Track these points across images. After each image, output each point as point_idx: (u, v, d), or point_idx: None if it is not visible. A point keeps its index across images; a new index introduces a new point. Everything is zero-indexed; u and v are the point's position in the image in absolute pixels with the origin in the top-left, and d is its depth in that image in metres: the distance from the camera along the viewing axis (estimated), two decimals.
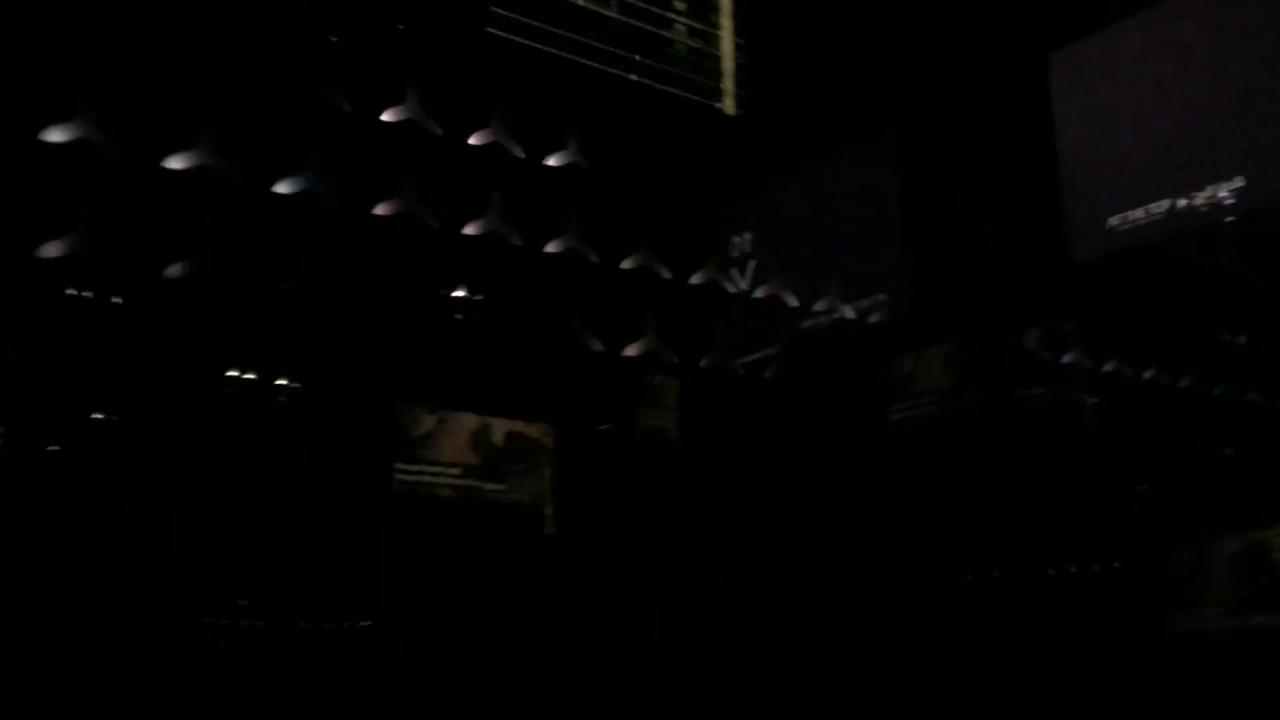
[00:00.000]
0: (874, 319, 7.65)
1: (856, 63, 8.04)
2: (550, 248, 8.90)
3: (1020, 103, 7.45)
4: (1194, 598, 9.45)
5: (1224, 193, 6.25)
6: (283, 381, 8.74)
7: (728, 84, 7.40)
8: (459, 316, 9.70)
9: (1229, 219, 6.34)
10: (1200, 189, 6.36)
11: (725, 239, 8.72)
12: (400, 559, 8.62)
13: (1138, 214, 6.60)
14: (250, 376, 8.45)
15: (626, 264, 8.91)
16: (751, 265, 8.49)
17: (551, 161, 8.51)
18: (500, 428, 9.87)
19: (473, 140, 8.48)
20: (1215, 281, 7.94)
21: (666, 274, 9.06)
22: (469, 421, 9.62)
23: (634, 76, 7.00)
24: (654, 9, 7.71)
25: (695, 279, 8.89)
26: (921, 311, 7.53)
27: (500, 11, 7.07)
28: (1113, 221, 6.73)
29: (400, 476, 8.97)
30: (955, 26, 7.85)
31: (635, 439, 10.73)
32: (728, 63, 7.41)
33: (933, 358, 10.07)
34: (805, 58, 8.14)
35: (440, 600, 8.63)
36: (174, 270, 7.72)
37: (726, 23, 7.39)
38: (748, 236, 8.53)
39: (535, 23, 6.98)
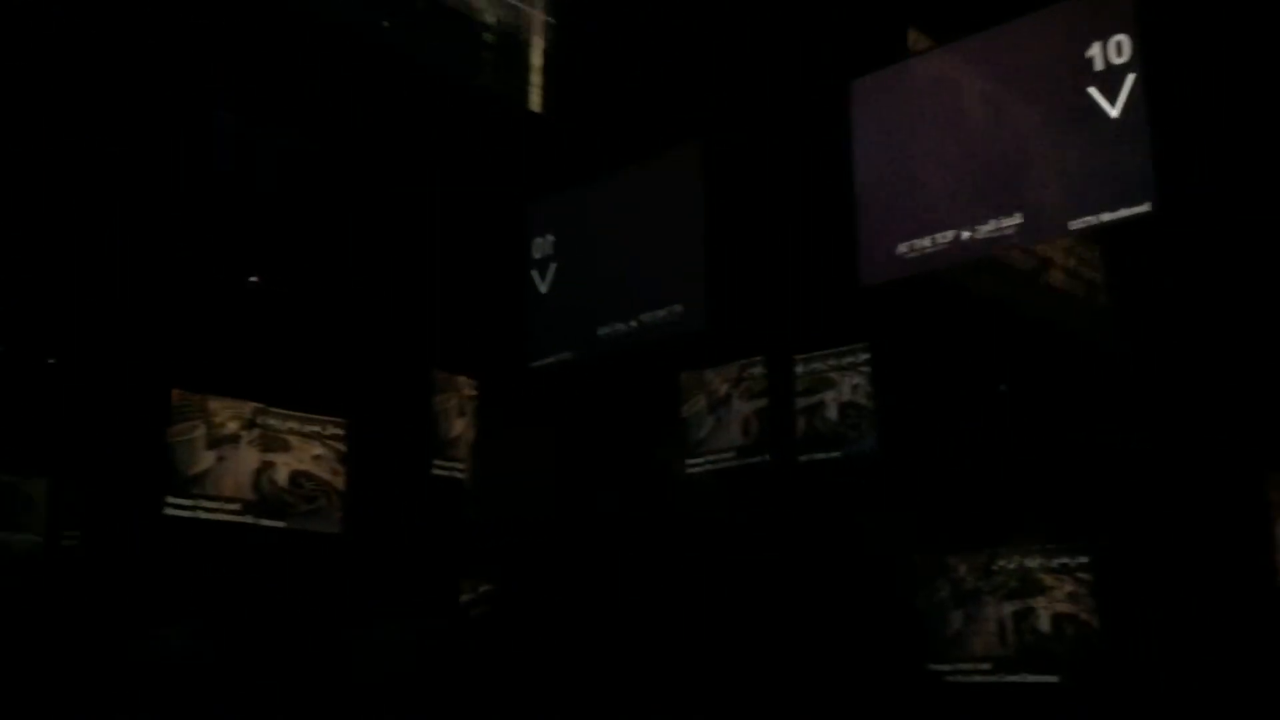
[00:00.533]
0: (668, 330, 7.59)
1: (668, 69, 8.03)
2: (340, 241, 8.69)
3: (824, 125, 7.53)
4: (966, 655, 9.98)
5: (1004, 228, 6.43)
6: None
7: (535, 80, 7.24)
8: (243, 307, 9.37)
9: (1007, 252, 6.62)
10: (984, 223, 6.54)
11: (526, 240, 8.55)
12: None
13: (925, 242, 6.74)
14: None
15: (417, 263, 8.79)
16: (552, 268, 8.33)
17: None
18: (284, 466, 9.76)
19: None
20: (998, 317, 8.20)
21: (464, 274, 8.95)
22: (250, 459, 9.48)
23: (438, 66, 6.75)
24: None
25: (494, 280, 8.71)
26: (715, 325, 7.52)
27: None
28: (902, 248, 6.85)
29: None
30: (768, 44, 7.91)
31: (429, 444, 10.57)
32: (536, 58, 7.25)
33: (734, 415, 10.34)
34: (617, 60, 8.08)
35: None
36: None
37: (537, 19, 7.23)
38: (549, 239, 8.39)
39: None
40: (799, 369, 10.14)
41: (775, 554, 10.26)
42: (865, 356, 9.93)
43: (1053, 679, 9.66)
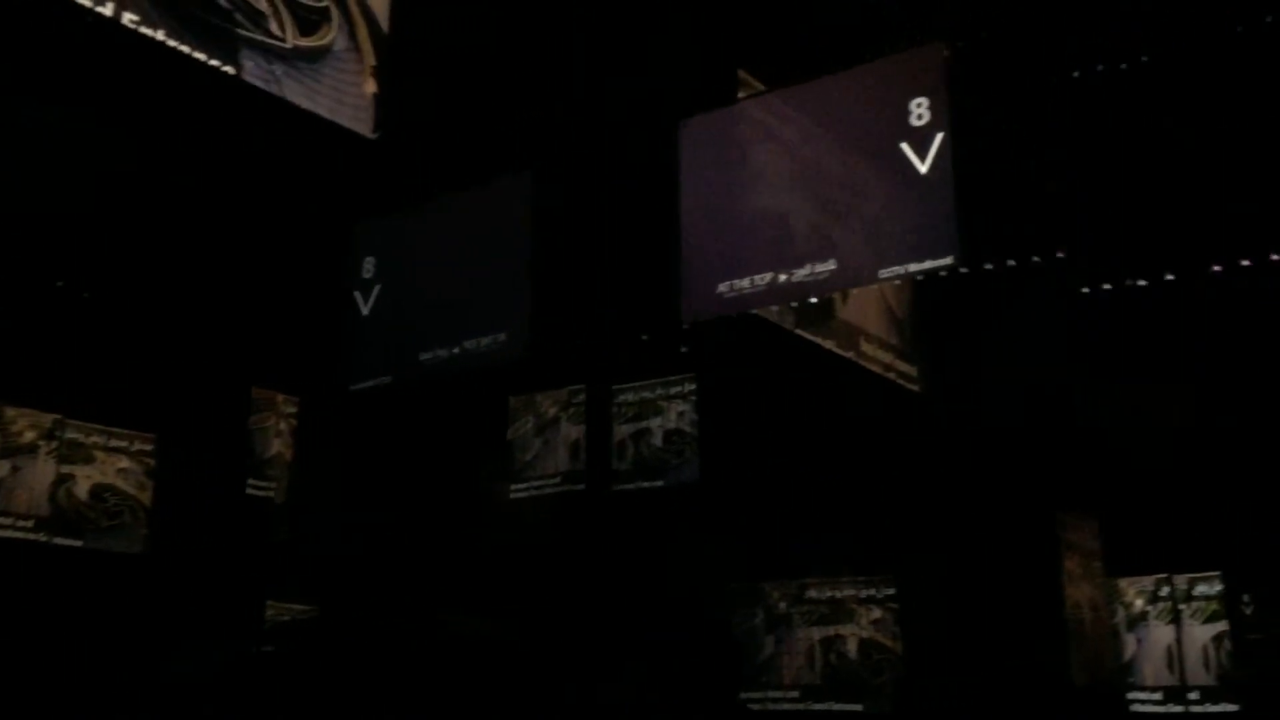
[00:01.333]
0: (490, 357, 7.58)
1: (501, 98, 8.04)
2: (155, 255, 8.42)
3: (653, 163, 7.65)
4: (777, 681, 10.29)
5: (818, 273, 6.64)
6: None
7: (366, 102, 7.14)
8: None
9: (816, 298, 6.87)
10: (800, 267, 6.74)
11: (353, 261, 8.42)
12: None
13: (744, 283, 6.91)
14: None
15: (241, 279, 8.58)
16: (375, 291, 8.22)
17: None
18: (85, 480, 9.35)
19: None
20: (817, 356, 8.46)
21: (287, 293, 8.76)
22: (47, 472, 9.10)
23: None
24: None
25: (318, 300, 8.55)
26: (536, 354, 7.54)
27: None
28: (722, 287, 7.00)
29: None
30: (601, 79, 8.01)
31: (243, 462, 10.29)
32: (369, 82, 7.16)
33: (562, 439, 10.40)
34: (448, 86, 8.05)
35: None
36: None
37: (366, 45, 7.14)
38: (373, 261, 8.27)
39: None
40: (629, 396, 10.28)
41: (594, 579, 10.32)
42: (692, 386, 10.15)
43: (857, 708, 10.05)
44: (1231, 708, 10.39)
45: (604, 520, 10.41)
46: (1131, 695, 10.36)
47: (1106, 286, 9.12)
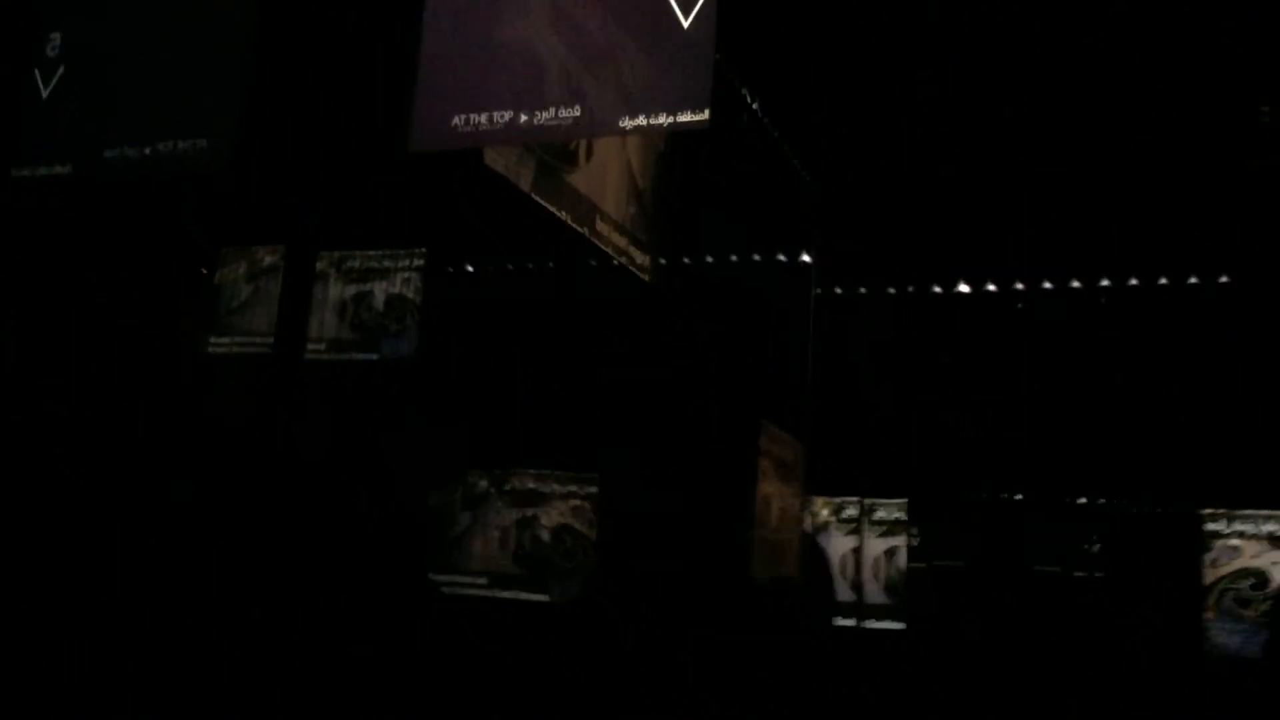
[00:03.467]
0: (186, 164, 6.73)
1: None
2: None
3: None
4: (465, 564, 9.93)
5: (561, 118, 6.21)
6: None
7: None
8: None
9: (558, 142, 6.45)
10: (544, 109, 6.29)
11: (39, 35, 7.29)
12: None
13: (481, 119, 6.39)
14: None
15: None
16: (60, 71, 7.15)
17: None
18: None
19: None
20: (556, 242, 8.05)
21: None
22: None
23: None
24: None
25: None
26: (238, 172, 6.75)
27: None
28: (457, 120, 6.45)
29: None
30: None
31: None
32: None
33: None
34: None
35: None
36: None
37: None
38: (59, 36, 7.18)
39: None
40: (355, 264, 9.52)
41: (291, 450, 9.65)
42: (421, 251, 9.50)
43: (544, 598, 9.87)
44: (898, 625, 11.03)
45: (302, 389, 9.68)
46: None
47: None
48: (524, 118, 6.30)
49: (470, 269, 10.82)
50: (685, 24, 6.04)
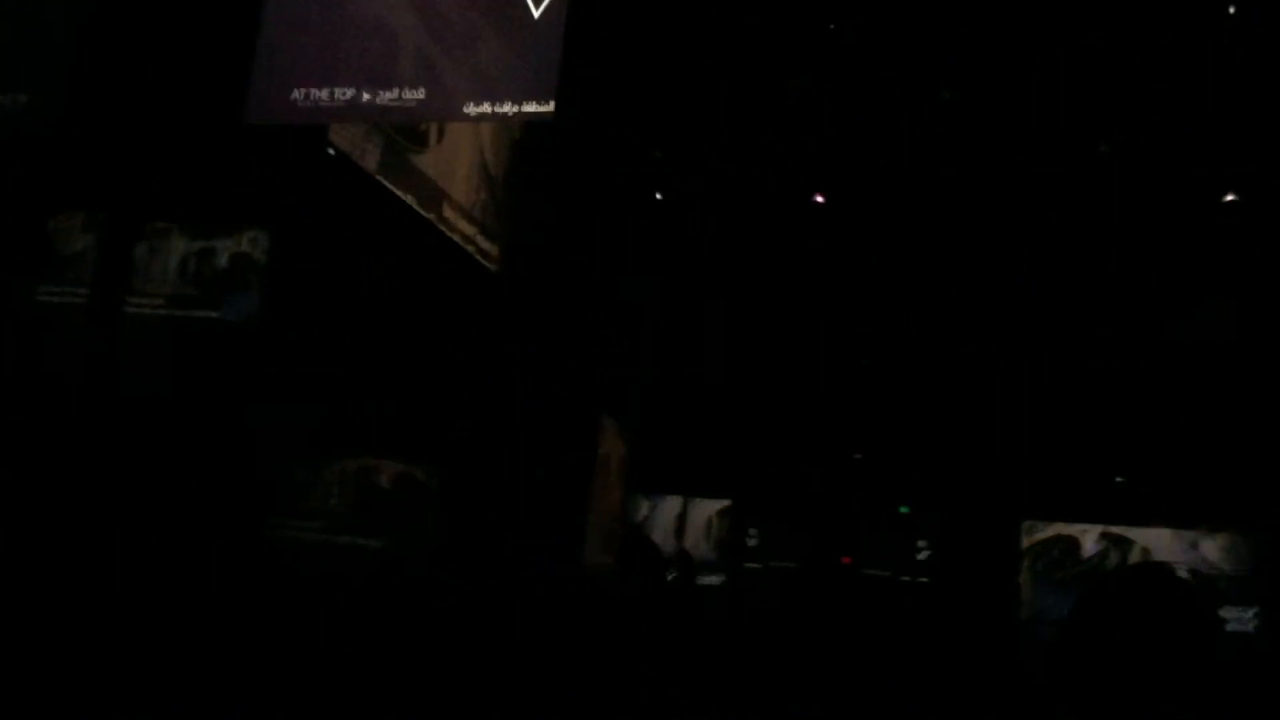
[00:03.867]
0: (8, 121, 6.41)
1: None
2: None
3: None
4: (302, 512, 9.74)
5: (405, 100, 6.13)
6: None
7: None
8: None
9: (398, 123, 6.34)
10: (387, 89, 6.18)
11: None
12: None
13: (322, 94, 6.25)
14: None
15: None
16: None
17: None
18: None
19: None
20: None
21: None
22: None
23: None
24: None
25: None
26: (67, 132, 6.46)
27: None
28: (296, 94, 6.29)
29: None
30: None
31: None
32: None
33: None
34: None
35: None
36: None
37: None
38: None
39: None
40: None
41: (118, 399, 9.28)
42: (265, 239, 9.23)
43: (378, 543, 9.73)
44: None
45: (136, 343, 9.32)
46: None
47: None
48: (367, 96, 6.18)
49: (316, 246, 10.58)
50: (536, 14, 6.02)
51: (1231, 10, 7.33)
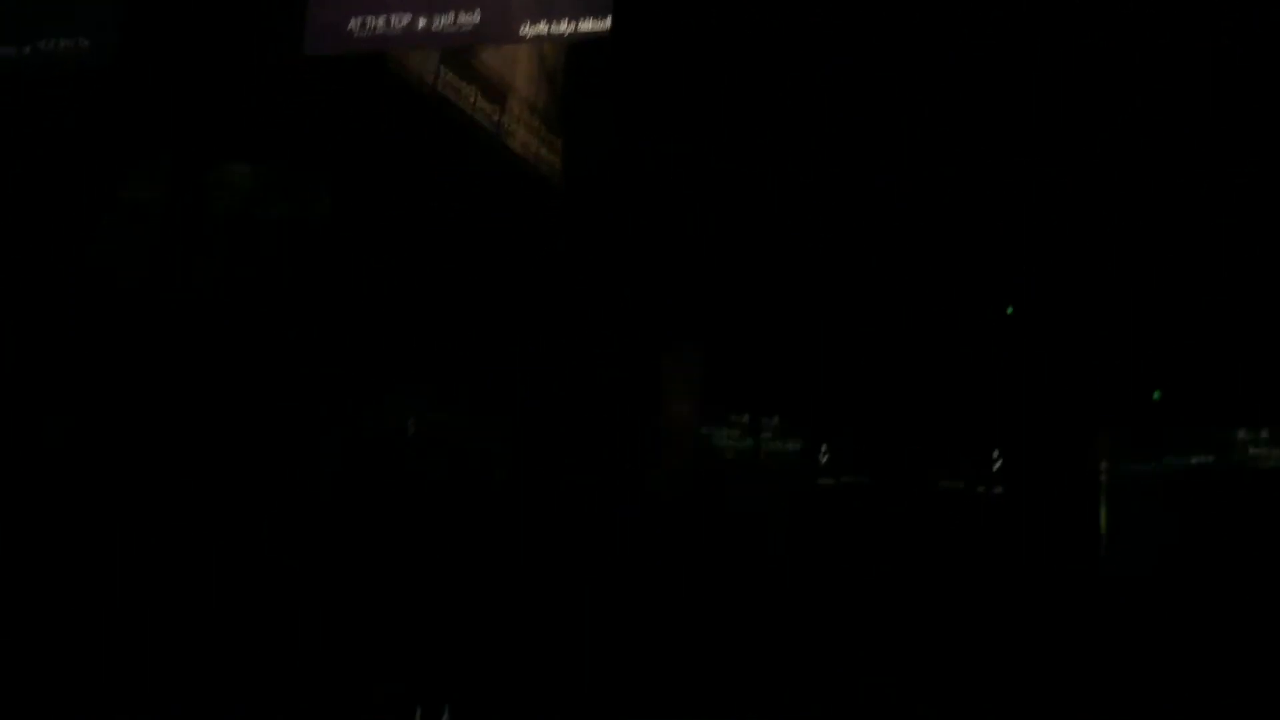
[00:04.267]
0: (68, 64, 6.43)
1: None
2: None
3: None
4: None
5: (460, 24, 6.04)
6: None
7: None
8: None
9: (456, 47, 6.26)
10: (443, 14, 6.10)
11: None
12: None
13: (379, 22, 6.19)
14: None
15: None
16: None
17: None
18: None
19: None
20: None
21: None
22: None
23: None
24: None
25: None
26: (125, 75, 6.46)
27: None
28: (353, 24, 6.24)
29: None
30: None
31: None
32: None
33: None
34: None
35: None
36: None
37: None
38: None
39: None
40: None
41: None
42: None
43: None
44: None
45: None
46: None
47: None
48: (423, 21, 6.10)
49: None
50: None
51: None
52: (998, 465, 16.32)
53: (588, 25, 5.74)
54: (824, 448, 16.98)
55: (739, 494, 13.01)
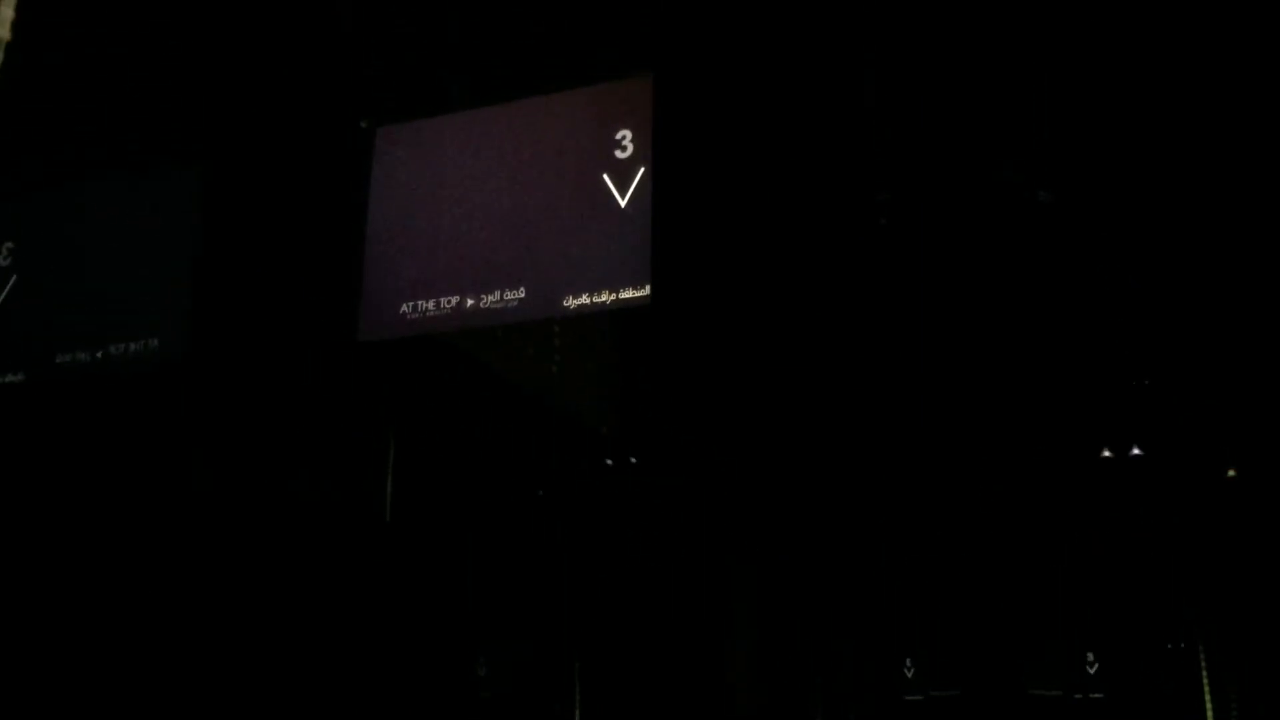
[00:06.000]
0: (138, 365, 6.75)
1: (169, 81, 7.19)
2: None
3: (342, 170, 7.06)
4: None
5: (507, 300, 6.29)
6: None
7: None
8: None
9: (507, 324, 6.49)
10: (489, 292, 6.37)
11: None
12: None
13: (429, 305, 6.46)
14: None
15: None
16: (12, 280, 7.23)
17: None
18: None
19: None
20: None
21: None
22: None
23: None
24: None
25: None
26: (194, 370, 6.76)
27: None
28: (405, 308, 6.52)
29: None
30: (289, 77, 7.33)
31: None
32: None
33: None
34: (106, 65, 7.11)
35: None
36: None
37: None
38: (10, 246, 7.28)
39: None
40: None
41: None
42: None
43: None
44: None
45: None
46: None
47: None
48: (471, 302, 6.37)
49: None
50: (622, 203, 6.17)
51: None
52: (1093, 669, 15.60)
53: (628, 294, 5.94)
54: (907, 662, 16.40)
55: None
